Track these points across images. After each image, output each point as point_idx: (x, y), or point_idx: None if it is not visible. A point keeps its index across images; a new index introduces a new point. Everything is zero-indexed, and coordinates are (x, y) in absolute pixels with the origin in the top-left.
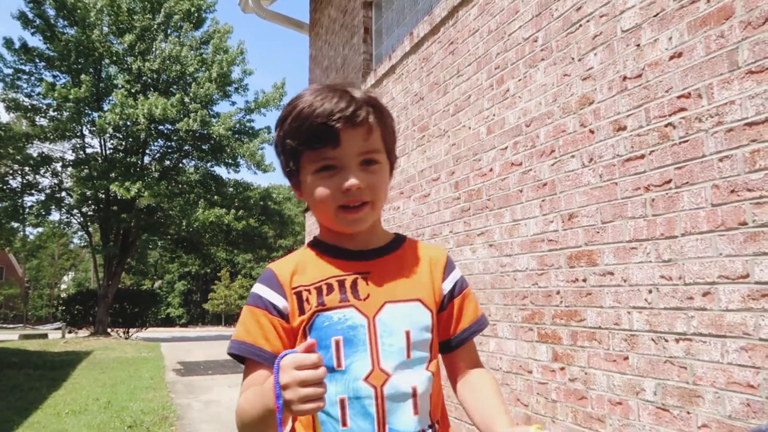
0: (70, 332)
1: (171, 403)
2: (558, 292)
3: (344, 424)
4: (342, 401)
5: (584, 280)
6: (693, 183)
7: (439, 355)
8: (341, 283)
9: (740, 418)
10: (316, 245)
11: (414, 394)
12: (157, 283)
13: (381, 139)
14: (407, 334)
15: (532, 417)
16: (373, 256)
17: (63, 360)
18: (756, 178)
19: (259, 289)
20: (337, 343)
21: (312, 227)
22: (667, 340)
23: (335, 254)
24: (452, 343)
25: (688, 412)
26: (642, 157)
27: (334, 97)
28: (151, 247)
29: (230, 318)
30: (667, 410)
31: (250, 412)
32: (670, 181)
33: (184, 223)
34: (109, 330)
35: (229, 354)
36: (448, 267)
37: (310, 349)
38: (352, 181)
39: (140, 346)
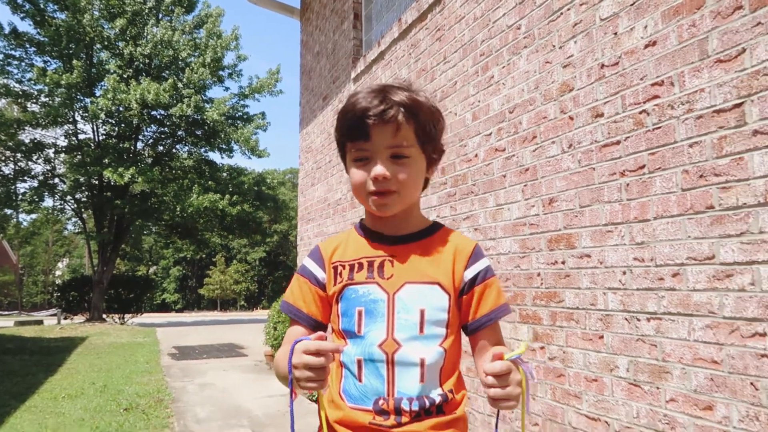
0: (65, 318)
1: (166, 386)
2: (539, 274)
3: (360, 380)
4: (359, 361)
5: (563, 263)
6: (665, 168)
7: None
8: (371, 263)
9: (705, 392)
10: (360, 228)
11: (422, 365)
12: (153, 269)
13: (413, 135)
14: (422, 312)
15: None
16: (403, 242)
17: (59, 346)
18: (723, 163)
19: (306, 261)
20: (360, 312)
21: (303, 211)
22: (639, 320)
23: (372, 237)
24: (470, 327)
25: (658, 388)
26: (618, 143)
27: (375, 97)
28: (145, 233)
29: (226, 303)
30: (638, 386)
31: (280, 366)
32: (643, 167)
33: (178, 209)
34: (104, 316)
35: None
36: (474, 257)
37: (320, 339)
38: (377, 170)
39: (136, 332)
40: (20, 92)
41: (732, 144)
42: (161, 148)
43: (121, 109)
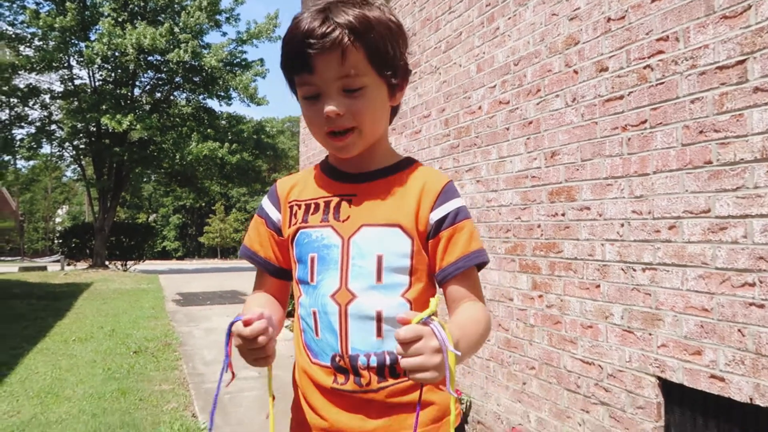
0: (68, 264)
1: (173, 331)
2: (539, 226)
3: (317, 334)
4: (314, 313)
5: (563, 215)
6: (666, 123)
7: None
8: (327, 204)
9: (694, 338)
10: (322, 165)
11: (378, 318)
12: (152, 217)
13: (365, 60)
14: (379, 258)
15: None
16: (364, 180)
17: (64, 291)
18: (723, 119)
19: (264, 201)
20: (312, 259)
21: (305, 161)
22: (635, 270)
23: (332, 175)
24: (438, 277)
25: (650, 334)
26: (621, 97)
27: (315, 19)
28: (144, 180)
29: (226, 251)
30: (631, 332)
31: None
32: (645, 122)
33: (177, 157)
34: (107, 263)
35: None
36: (442, 196)
37: (249, 321)
38: (327, 108)
39: (139, 278)
40: (13, 35)
41: (733, 100)
42: (159, 95)
43: (117, 54)
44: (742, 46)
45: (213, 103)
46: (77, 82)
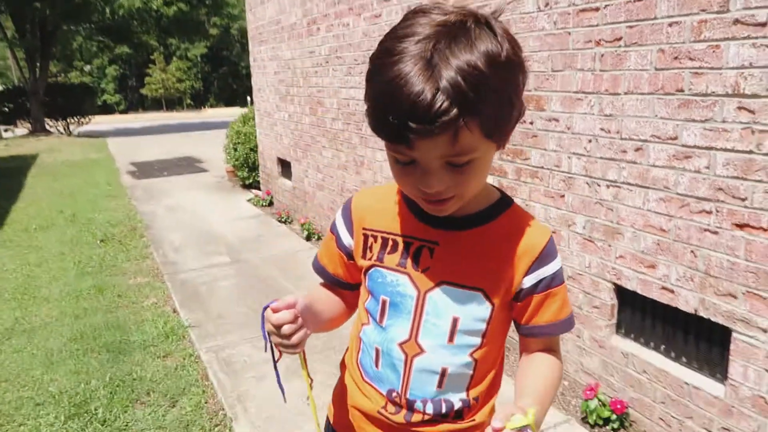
0: (6, 131)
1: (136, 212)
2: None
3: (377, 366)
4: (377, 350)
5: (531, 123)
6: (642, 44)
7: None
8: (406, 246)
9: (650, 253)
10: (405, 194)
11: (443, 374)
12: (87, 68)
13: (480, 134)
14: (455, 320)
15: None
16: (452, 227)
17: (10, 167)
18: (699, 48)
19: (338, 216)
20: (384, 302)
21: (254, 32)
22: (599, 185)
23: (415, 211)
24: (521, 329)
25: (610, 245)
26: (597, 9)
27: (420, 81)
28: (74, 40)
29: (171, 102)
30: (592, 242)
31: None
32: (620, 39)
33: (107, 10)
34: (48, 126)
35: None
36: (540, 260)
37: (278, 309)
38: (430, 187)
39: (86, 146)
40: None
41: (711, 29)
42: None
43: None
44: None
45: None
46: None
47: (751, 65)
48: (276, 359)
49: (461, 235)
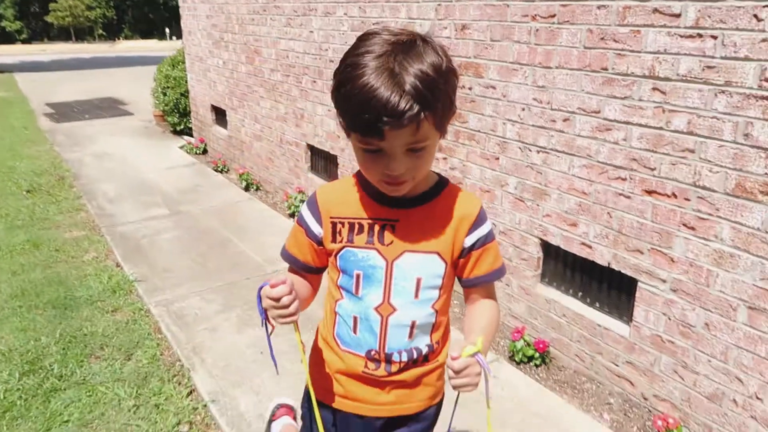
0: None
1: (61, 160)
2: None
3: (354, 332)
4: (355, 318)
5: (470, 89)
6: (573, 23)
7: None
8: (371, 226)
9: (573, 213)
10: (362, 182)
11: (412, 326)
12: None
13: (433, 125)
14: (418, 280)
15: None
16: (406, 205)
17: None
18: (623, 32)
19: (304, 210)
20: (358, 276)
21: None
22: (530, 150)
23: (374, 196)
24: (463, 282)
25: (538, 205)
26: None
27: (388, 88)
28: None
29: (80, 32)
30: (522, 201)
31: None
32: (554, 16)
33: None
34: None
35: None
36: (476, 223)
37: (275, 285)
38: (395, 170)
39: None
40: None
41: (634, 15)
42: None
43: None
44: None
45: None
46: None
47: (666, 51)
48: (269, 332)
49: (415, 212)
